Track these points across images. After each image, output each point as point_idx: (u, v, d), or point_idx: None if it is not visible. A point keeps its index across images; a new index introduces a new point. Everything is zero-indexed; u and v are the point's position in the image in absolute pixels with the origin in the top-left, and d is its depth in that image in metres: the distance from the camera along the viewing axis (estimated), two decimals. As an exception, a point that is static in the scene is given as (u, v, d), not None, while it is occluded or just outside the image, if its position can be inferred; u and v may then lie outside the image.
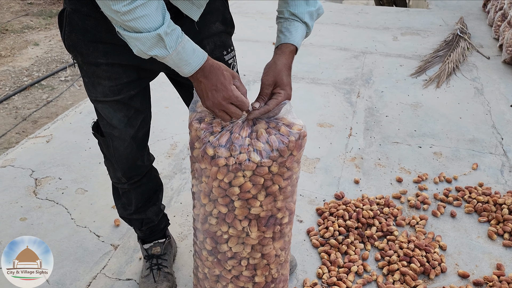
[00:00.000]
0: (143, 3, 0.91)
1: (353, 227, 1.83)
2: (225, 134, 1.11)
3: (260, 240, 1.22)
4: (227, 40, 1.32)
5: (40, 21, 6.01)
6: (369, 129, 2.63)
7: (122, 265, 1.72)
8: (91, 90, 1.26)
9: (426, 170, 2.25)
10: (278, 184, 1.15)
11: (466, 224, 1.90)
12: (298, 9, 1.18)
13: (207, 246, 1.27)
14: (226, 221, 1.18)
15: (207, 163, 1.12)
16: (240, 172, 1.10)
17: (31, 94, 3.90)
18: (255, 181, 1.12)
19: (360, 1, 11.64)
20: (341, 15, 4.79)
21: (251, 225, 1.19)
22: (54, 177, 2.24)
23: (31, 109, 3.62)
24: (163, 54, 0.97)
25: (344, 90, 3.11)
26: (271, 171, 1.12)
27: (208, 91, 1.05)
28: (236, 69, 1.39)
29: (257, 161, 1.08)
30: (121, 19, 0.93)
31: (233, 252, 1.23)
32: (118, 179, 1.47)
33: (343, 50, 3.83)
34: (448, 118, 2.73)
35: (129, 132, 1.33)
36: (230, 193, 1.13)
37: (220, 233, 1.22)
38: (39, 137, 2.60)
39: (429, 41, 4.00)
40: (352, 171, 2.25)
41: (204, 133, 1.13)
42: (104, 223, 1.93)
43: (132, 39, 0.96)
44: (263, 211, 1.17)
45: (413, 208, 1.99)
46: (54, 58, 4.70)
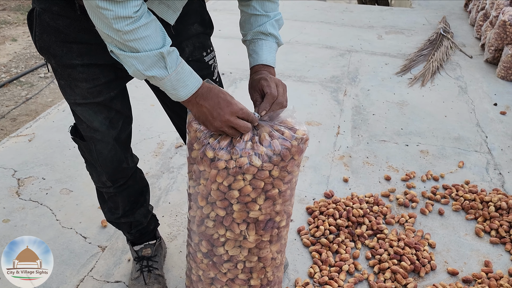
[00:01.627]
0: (146, 23, 0.90)
1: (343, 225, 1.83)
2: (226, 137, 1.08)
3: (258, 244, 1.20)
4: (206, 41, 1.30)
5: (18, 16, 5.85)
6: (357, 127, 2.64)
7: (110, 267, 1.69)
8: (68, 93, 1.20)
9: (414, 168, 2.27)
10: (278, 188, 1.13)
11: (454, 222, 1.93)
12: (260, 27, 1.19)
13: (202, 248, 1.25)
14: (223, 224, 1.16)
15: (206, 165, 1.09)
16: (240, 175, 1.08)
17: (9, 91, 3.79)
18: (255, 185, 1.09)
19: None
20: (326, 13, 4.80)
21: (249, 228, 1.17)
22: (38, 177, 2.18)
23: (9, 107, 3.52)
24: (162, 74, 0.95)
25: (331, 88, 3.12)
26: (272, 175, 1.10)
27: (212, 111, 1.02)
28: (217, 70, 1.37)
29: (258, 165, 1.06)
30: (122, 39, 0.89)
31: (229, 255, 1.21)
32: (102, 183, 1.42)
33: (329, 48, 3.84)
34: (433, 117, 2.76)
35: (111, 134, 1.29)
36: (229, 197, 1.11)
37: (216, 236, 1.20)
38: (21, 136, 2.53)
39: (413, 40, 4.04)
40: (341, 170, 2.25)
41: (203, 134, 1.11)
42: (90, 224, 1.89)
43: (129, 58, 0.93)
44: (262, 214, 1.15)
45: (402, 206, 2.01)
46: (33, 54, 4.58)
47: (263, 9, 1.20)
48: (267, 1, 1.20)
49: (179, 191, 2.09)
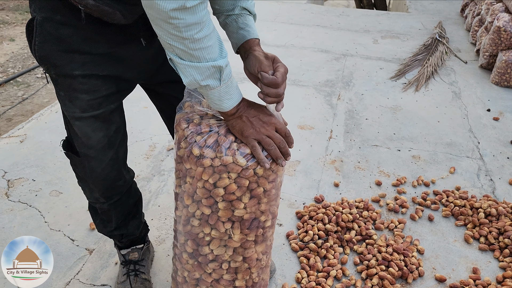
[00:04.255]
0: (210, 32, 0.91)
1: (332, 231, 1.83)
2: (212, 136, 1.10)
3: (243, 243, 1.21)
4: None
5: (17, 16, 5.85)
6: (349, 131, 2.64)
7: (97, 270, 1.68)
8: (67, 105, 1.17)
9: (405, 174, 2.27)
10: (263, 187, 1.14)
11: (443, 228, 1.92)
12: (248, 3, 1.16)
13: (188, 248, 1.25)
14: (209, 223, 1.16)
15: (192, 163, 1.11)
16: (225, 173, 1.09)
17: (5, 91, 3.79)
18: (240, 183, 1.10)
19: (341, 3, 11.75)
20: (322, 17, 4.80)
21: (234, 227, 1.17)
22: (28, 178, 2.17)
23: (5, 107, 3.52)
24: (215, 85, 0.98)
25: (325, 93, 3.12)
26: (256, 173, 1.11)
27: (253, 121, 1.05)
28: None
29: (243, 164, 1.07)
30: (187, 47, 0.90)
31: (214, 254, 1.22)
32: (95, 199, 1.39)
33: (324, 52, 3.84)
34: (426, 122, 2.76)
35: (107, 154, 1.27)
36: (214, 194, 1.11)
37: (202, 235, 1.20)
38: (12, 137, 2.52)
39: (409, 45, 4.04)
40: (332, 174, 2.25)
41: (191, 133, 1.11)
42: (79, 226, 1.88)
43: (189, 68, 0.94)
44: (247, 213, 1.16)
45: (392, 212, 2.01)
46: (30, 54, 4.57)
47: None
48: None
49: (169, 194, 2.08)
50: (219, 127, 1.11)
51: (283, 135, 1.08)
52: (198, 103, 1.18)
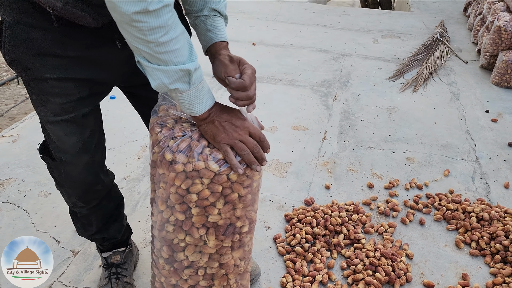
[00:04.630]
0: (177, 35, 0.89)
1: (320, 234, 1.80)
2: (185, 140, 1.07)
3: (218, 249, 1.18)
4: None
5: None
6: (344, 133, 2.61)
7: (80, 272, 1.67)
8: (40, 108, 1.15)
9: (398, 176, 2.23)
10: (237, 192, 1.12)
11: (434, 232, 1.89)
12: (218, 4, 1.13)
13: (163, 254, 1.23)
14: (183, 229, 1.15)
15: (165, 169, 1.09)
16: (197, 179, 1.07)
17: (9, 90, 3.81)
18: (213, 189, 1.08)
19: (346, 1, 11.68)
20: (323, 16, 4.76)
21: (209, 233, 1.15)
22: (18, 178, 2.17)
23: (9, 105, 3.53)
24: (184, 88, 0.95)
25: (321, 93, 3.09)
26: (230, 179, 1.09)
27: (225, 126, 1.03)
28: None
29: (215, 170, 1.05)
30: (153, 51, 0.88)
31: (189, 261, 1.20)
32: (74, 203, 1.37)
33: (323, 52, 3.80)
34: (423, 123, 2.72)
35: (83, 158, 1.24)
36: (187, 200, 1.10)
37: (177, 241, 1.18)
38: (5, 137, 2.52)
39: (409, 44, 4.00)
40: (323, 176, 2.22)
41: (164, 137, 1.10)
42: (65, 227, 1.87)
43: (156, 71, 0.92)
44: (222, 219, 1.14)
45: (383, 215, 1.97)
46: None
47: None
48: None
49: (158, 195, 2.07)
50: (192, 131, 1.09)
51: (257, 139, 1.06)
52: (173, 106, 1.15)
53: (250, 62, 1.09)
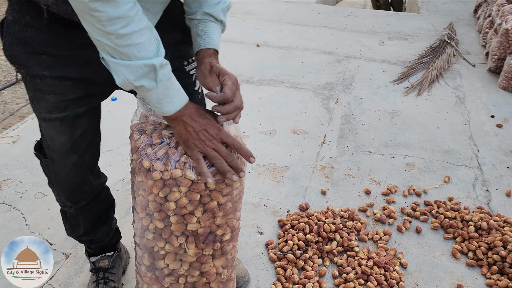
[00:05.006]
0: (140, 29, 0.87)
1: (312, 241, 1.77)
2: (163, 148, 1.07)
3: (199, 258, 1.17)
4: (187, 49, 1.22)
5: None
6: (344, 137, 2.57)
7: (71, 275, 1.67)
8: (35, 105, 1.16)
9: (397, 182, 2.19)
10: (216, 201, 1.11)
11: (430, 241, 1.85)
12: (213, 8, 1.09)
13: (145, 261, 1.22)
14: (162, 237, 1.13)
15: (143, 176, 1.08)
16: (175, 187, 1.06)
17: (21, 89, 3.87)
18: (191, 197, 1.07)
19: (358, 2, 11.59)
20: (329, 18, 4.72)
21: (188, 241, 1.14)
22: (15, 180, 2.18)
23: (19, 104, 3.58)
24: (151, 86, 0.93)
25: (323, 96, 3.05)
26: (208, 187, 1.07)
27: (198, 132, 1.00)
28: (199, 84, 1.29)
29: (193, 178, 1.04)
30: (114, 43, 0.86)
31: (170, 269, 1.19)
32: (62, 202, 1.38)
33: (327, 54, 3.77)
34: (425, 128, 2.68)
35: (71, 158, 1.24)
36: (165, 208, 1.08)
37: (157, 249, 1.17)
38: (6, 137, 2.54)
39: (416, 47, 3.94)
40: (320, 181, 2.19)
41: (142, 145, 1.09)
42: (58, 229, 1.87)
43: (120, 66, 0.90)
44: (201, 227, 1.12)
45: (378, 222, 1.94)
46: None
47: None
48: None
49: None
50: (170, 138, 1.07)
51: (232, 148, 1.04)
52: (152, 112, 1.14)
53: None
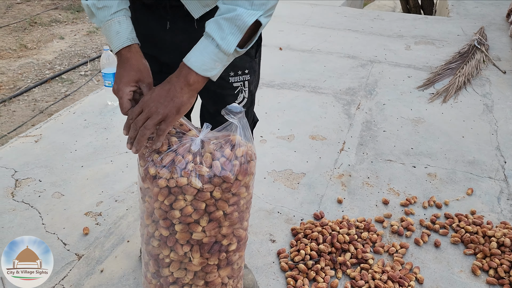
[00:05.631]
0: None
1: (325, 251, 1.73)
2: (169, 155, 1.06)
3: (203, 267, 1.16)
4: (240, 60, 1.16)
5: (68, 15, 6.13)
6: (363, 144, 2.51)
7: (82, 276, 1.68)
8: None
9: (417, 193, 2.12)
10: (222, 210, 1.09)
11: (449, 256, 1.78)
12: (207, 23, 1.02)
13: (150, 268, 1.22)
14: (167, 245, 1.13)
15: (149, 183, 1.07)
16: (180, 195, 1.05)
17: (51, 87, 3.98)
18: (196, 206, 1.06)
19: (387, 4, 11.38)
20: (355, 21, 4.64)
21: (193, 250, 1.12)
22: (35, 179, 2.22)
23: (49, 102, 3.69)
24: (97, 24, 1.08)
25: (344, 101, 3.00)
26: (213, 196, 1.06)
27: (116, 77, 1.06)
28: (246, 96, 1.26)
29: (198, 187, 1.02)
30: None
31: (174, 277, 1.18)
32: None
33: (351, 58, 3.70)
34: (449, 137, 2.58)
35: None
36: (170, 216, 1.08)
37: (162, 256, 1.16)
38: (29, 136, 2.60)
39: (443, 52, 3.82)
40: (337, 189, 2.14)
41: (148, 151, 1.08)
42: (73, 230, 1.90)
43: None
44: (206, 237, 1.11)
45: (395, 234, 1.88)
46: (77, 52, 4.79)
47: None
48: None
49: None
50: (178, 146, 1.06)
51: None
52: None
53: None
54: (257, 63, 1.30)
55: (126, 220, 1.93)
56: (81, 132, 2.63)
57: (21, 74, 4.22)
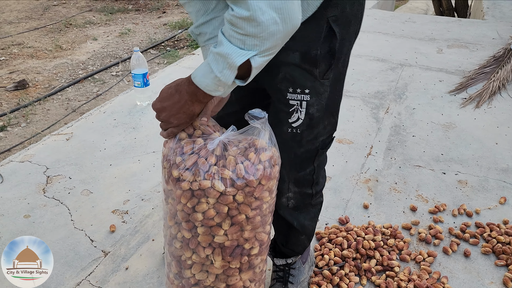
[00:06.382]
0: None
1: (349, 257, 1.70)
2: (192, 157, 1.06)
3: (225, 270, 1.15)
4: (300, 77, 1.11)
5: (102, 17, 6.30)
6: (391, 149, 2.46)
7: (108, 273, 1.71)
8: None
9: (446, 200, 2.06)
10: (245, 214, 1.08)
11: (480, 266, 1.72)
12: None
13: (173, 269, 1.23)
14: (190, 247, 1.13)
15: (172, 185, 1.08)
16: (203, 198, 1.05)
17: (83, 87, 4.09)
18: (218, 209, 1.06)
19: (420, 6, 11.15)
20: (385, 23, 4.57)
21: (215, 253, 1.12)
22: (65, 176, 2.28)
23: (81, 101, 3.79)
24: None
25: (373, 105, 2.95)
26: (236, 200, 1.05)
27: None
28: (302, 117, 1.16)
29: (221, 190, 1.02)
30: None
31: (196, 279, 1.18)
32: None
33: (380, 61, 3.64)
34: (482, 143, 2.50)
35: None
36: (193, 219, 1.08)
37: (184, 258, 1.17)
38: (61, 135, 2.67)
39: (477, 56, 3.71)
40: (363, 194, 2.11)
41: (172, 152, 1.09)
42: (100, 227, 1.94)
43: None
44: (228, 240, 1.10)
45: (423, 242, 1.83)
46: (109, 53, 4.91)
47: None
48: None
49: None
50: (201, 148, 1.06)
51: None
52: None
53: None
54: (323, 85, 1.13)
55: (151, 219, 1.96)
56: (110, 131, 2.68)
57: (56, 74, 4.36)
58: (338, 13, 1.06)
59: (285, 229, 1.42)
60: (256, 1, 0.81)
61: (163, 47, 5.15)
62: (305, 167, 1.26)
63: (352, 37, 1.17)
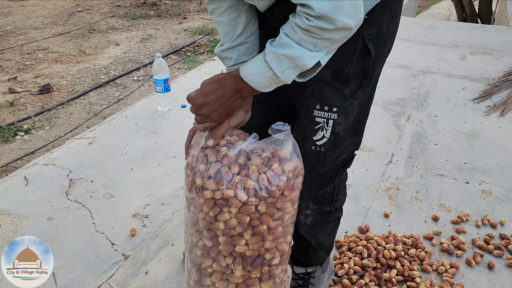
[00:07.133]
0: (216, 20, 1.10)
1: (370, 266, 1.68)
2: (216, 166, 1.05)
3: (245, 280, 1.15)
4: (329, 95, 1.09)
5: (124, 22, 6.42)
6: (413, 157, 2.43)
7: (128, 276, 1.73)
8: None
9: (469, 210, 2.02)
10: (266, 224, 1.08)
11: (504, 279, 1.67)
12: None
13: (193, 276, 1.23)
14: (210, 255, 1.13)
15: (195, 193, 1.08)
16: (225, 207, 1.05)
17: (105, 91, 4.17)
18: (240, 219, 1.05)
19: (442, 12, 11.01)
20: (407, 30, 4.52)
21: (236, 262, 1.12)
22: (88, 179, 2.32)
23: (103, 105, 3.87)
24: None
25: (394, 112, 2.92)
26: (258, 210, 1.05)
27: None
28: (327, 136, 1.13)
29: (244, 200, 1.02)
30: None
31: (216, 287, 1.18)
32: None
33: (402, 68, 3.60)
34: (507, 152, 2.45)
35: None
36: (214, 228, 1.08)
37: (204, 266, 1.17)
38: (84, 138, 2.72)
39: (502, 63, 3.64)
40: (383, 203, 2.08)
41: (195, 160, 1.09)
42: (121, 231, 1.96)
43: None
44: (249, 250, 1.10)
45: (445, 253, 1.79)
46: (130, 58, 5.00)
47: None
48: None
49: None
50: (224, 157, 1.06)
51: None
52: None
53: None
54: (353, 105, 1.11)
55: (171, 223, 1.98)
56: (131, 135, 2.72)
57: (79, 78, 4.45)
58: (375, 32, 1.05)
59: (303, 245, 1.42)
60: (340, 16, 0.81)
61: (183, 52, 5.21)
62: (325, 186, 1.23)
63: (385, 56, 1.14)
